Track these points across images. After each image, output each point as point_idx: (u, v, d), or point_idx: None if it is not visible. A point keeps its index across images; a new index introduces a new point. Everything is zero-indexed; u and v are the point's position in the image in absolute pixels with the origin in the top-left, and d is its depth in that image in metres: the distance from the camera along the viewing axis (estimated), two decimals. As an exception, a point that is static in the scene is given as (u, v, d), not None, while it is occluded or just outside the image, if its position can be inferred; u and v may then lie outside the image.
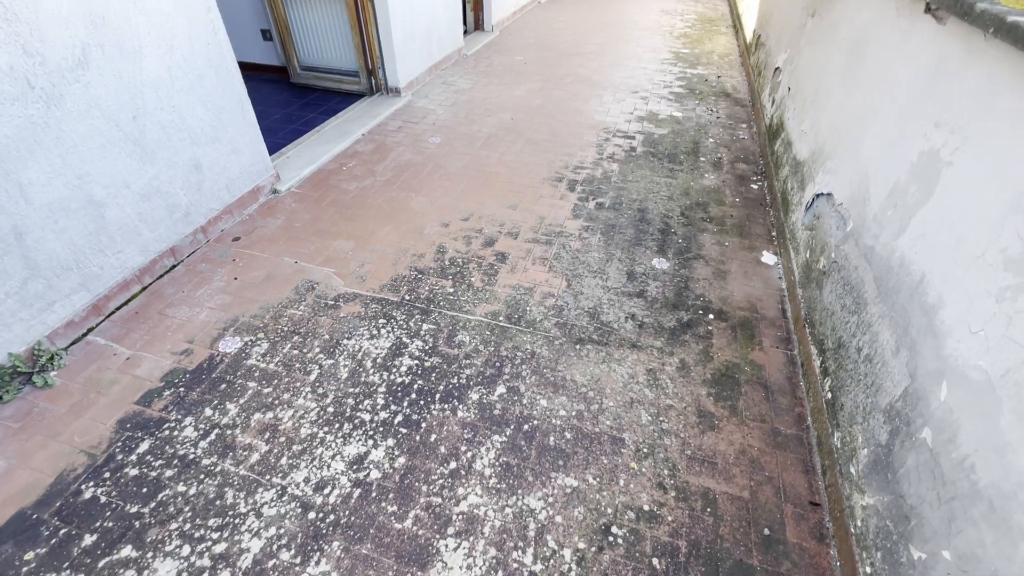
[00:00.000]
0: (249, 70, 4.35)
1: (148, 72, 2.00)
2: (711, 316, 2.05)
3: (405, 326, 1.98)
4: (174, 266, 2.26)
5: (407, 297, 2.11)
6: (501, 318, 2.02)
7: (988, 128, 1.14)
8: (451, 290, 2.15)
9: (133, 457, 1.54)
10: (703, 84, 4.31)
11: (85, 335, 1.93)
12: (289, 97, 4.01)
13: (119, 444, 1.57)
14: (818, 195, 2.08)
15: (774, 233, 2.51)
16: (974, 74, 1.24)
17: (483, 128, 3.48)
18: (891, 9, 1.78)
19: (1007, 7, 1.17)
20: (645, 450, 1.58)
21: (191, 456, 1.54)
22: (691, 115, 3.73)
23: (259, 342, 1.91)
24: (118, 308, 2.04)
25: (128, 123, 1.96)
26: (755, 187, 2.89)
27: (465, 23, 5.45)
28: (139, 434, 1.60)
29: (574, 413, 1.68)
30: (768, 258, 2.36)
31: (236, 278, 2.20)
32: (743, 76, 4.50)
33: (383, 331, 1.96)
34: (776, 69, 3.38)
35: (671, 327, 2.00)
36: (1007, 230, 1.01)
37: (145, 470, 1.50)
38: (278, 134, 3.42)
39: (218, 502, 1.43)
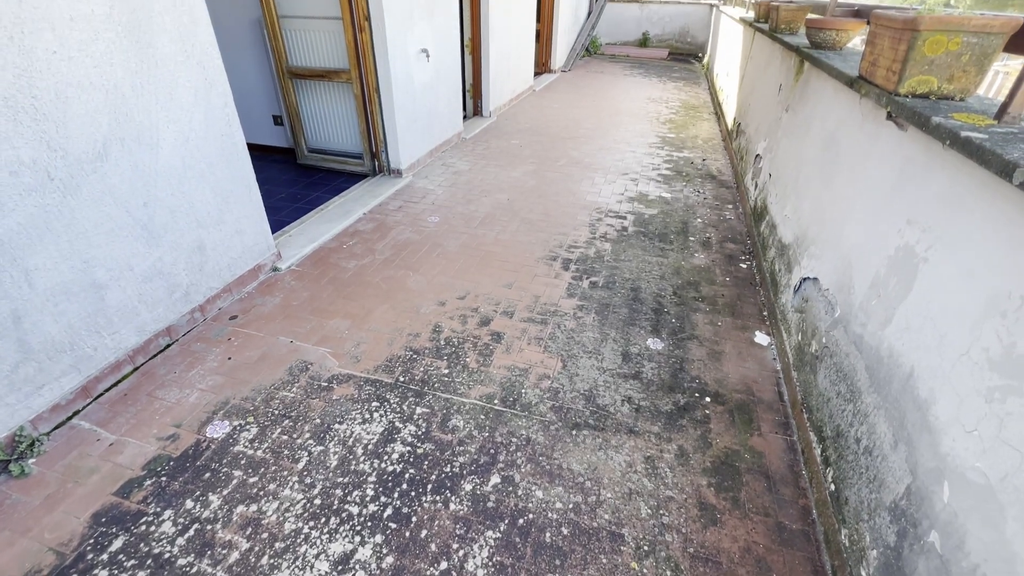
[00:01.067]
0: (259, 151, 4.59)
1: (163, 162, 2.11)
2: (708, 399, 2.03)
3: (398, 409, 1.95)
4: (168, 345, 2.26)
5: (401, 379, 2.09)
6: (496, 401, 2.00)
7: (958, 230, 1.21)
8: (446, 371, 2.14)
9: (104, 556, 1.45)
10: (689, 167, 4.55)
11: (70, 418, 1.89)
12: (295, 176, 4.20)
13: (91, 541, 1.49)
14: (805, 279, 2.14)
15: (765, 313, 2.55)
16: (938, 178, 1.33)
17: (480, 208, 3.63)
18: (856, 114, 1.93)
19: (960, 121, 1.28)
20: (646, 547, 1.50)
21: (166, 555, 1.46)
22: (679, 196, 3.91)
23: (248, 426, 1.87)
24: (107, 390, 2.01)
25: (139, 209, 2.04)
26: (744, 266, 2.97)
27: (465, 109, 5.83)
28: (114, 529, 1.52)
29: (571, 506, 1.62)
30: (761, 338, 2.38)
31: (230, 358, 2.19)
32: (727, 159, 4.77)
33: (376, 415, 1.92)
34: (757, 156, 3.60)
35: (668, 411, 1.97)
36: (986, 330, 1.04)
37: (115, 572, 1.41)
38: (282, 212, 3.55)
39: (191, 610, 1.33)
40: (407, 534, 1.52)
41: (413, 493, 1.64)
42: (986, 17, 1.39)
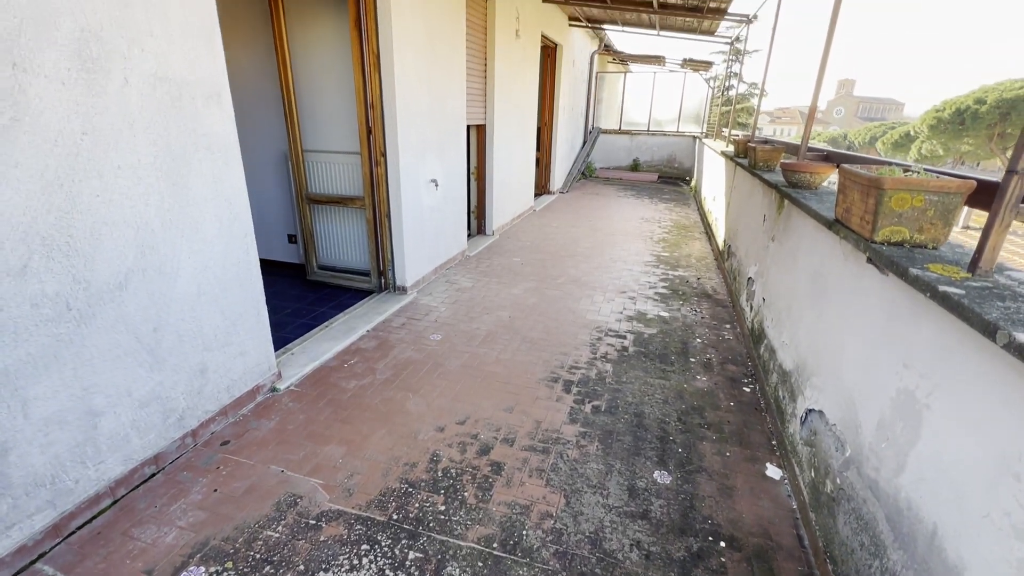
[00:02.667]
0: (271, 266, 4.79)
1: (180, 289, 2.19)
2: (722, 544, 1.89)
3: (390, 554, 1.81)
4: (154, 474, 2.16)
5: (395, 516, 1.97)
6: (495, 544, 1.86)
7: (955, 380, 1.23)
8: (442, 508, 2.02)
9: None
10: (685, 285, 4.71)
11: (34, 562, 1.74)
12: (303, 292, 4.33)
13: None
14: (810, 410, 2.11)
15: (774, 443, 2.47)
16: (926, 325, 1.37)
17: (482, 326, 3.69)
18: (838, 253, 2.06)
19: (935, 273, 1.35)
20: None
21: None
22: (677, 315, 4.00)
23: (226, 573, 1.72)
24: (81, 527, 1.89)
25: (148, 335, 2.08)
26: (747, 390, 2.94)
27: (469, 228, 6.19)
28: None
29: None
30: (773, 472, 2.28)
31: (216, 490, 2.09)
32: (720, 279, 4.95)
33: (364, 560, 1.78)
34: (749, 278, 3.74)
35: (681, 558, 1.83)
36: (1003, 493, 1.01)
37: None
38: (287, 328, 3.60)
39: None
40: None
41: (400, 662, 1.46)
42: (943, 180, 1.54)
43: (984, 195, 1.59)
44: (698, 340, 3.57)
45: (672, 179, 12.39)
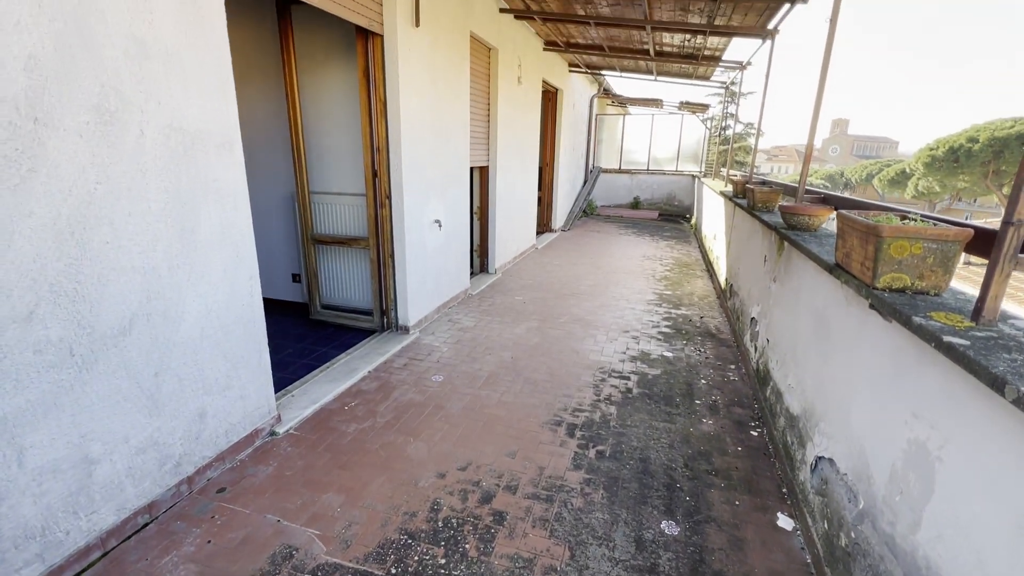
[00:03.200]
0: (274, 305, 4.81)
1: (183, 334, 2.20)
2: (735, 602, 1.81)
3: (387, 612, 1.73)
4: (147, 524, 2.10)
5: (393, 570, 1.90)
6: (497, 602, 1.78)
7: (966, 434, 1.20)
8: (442, 561, 1.95)
9: None
10: (688, 324, 4.69)
11: (17, 621, 1.67)
12: (305, 331, 4.33)
13: None
14: (820, 458, 2.06)
15: (784, 490, 2.40)
16: (933, 375, 1.36)
17: (484, 367, 3.66)
18: (840, 297, 2.06)
19: (939, 322, 1.35)
20: None
21: None
22: (681, 355, 3.97)
23: (215, 633, 1.65)
24: (68, 582, 1.82)
25: (148, 380, 2.07)
26: (755, 434, 2.88)
27: (472, 266, 6.23)
28: None
29: None
30: (785, 522, 2.20)
31: (210, 541, 2.02)
32: (723, 317, 4.93)
33: (361, 619, 1.70)
34: (752, 319, 3.73)
35: (691, 617, 1.74)
36: (1021, 560, 0.97)
37: None
38: (288, 368, 3.58)
39: None
40: None
41: None
42: (940, 228, 1.56)
43: (982, 242, 1.60)
44: (703, 381, 3.53)
45: (672, 216, 12.55)
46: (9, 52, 1.52)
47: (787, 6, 4.45)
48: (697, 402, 3.24)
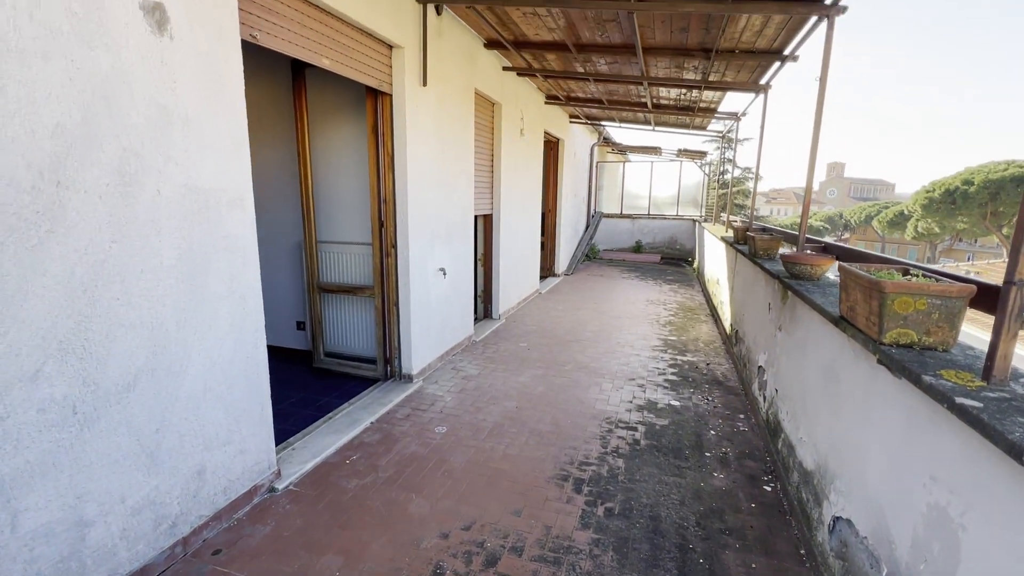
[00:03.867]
0: (278, 352, 4.79)
1: (186, 388, 2.19)
2: None
3: None
4: (137, 590, 2.02)
5: (393, 643, 1.80)
6: None
7: (989, 502, 1.16)
8: (445, 632, 1.85)
9: None
10: (695, 371, 4.64)
11: None
12: (308, 380, 4.30)
13: None
14: (837, 518, 1.99)
15: (802, 552, 2.30)
16: (947, 437, 1.33)
17: (488, 417, 3.60)
18: (848, 350, 2.04)
19: (950, 382, 1.33)
20: None
21: None
22: (688, 404, 3.90)
23: None
24: (52, 655, 1.73)
25: (149, 436, 2.04)
26: (768, 489, 2.79)
27: (476, 312, 6.24)
28: None
29: None
30: (804, 588, 2.10)
31: (202, 609, 1.94)
32: (730, 364, 4.88)
33: None
34: (759, 367, 3.69)
35: None
36: (1064, 641, 0.92)
37: None
38: (290, 419, 3.53)
39: None
40: None
41: None
42: (943, 284, 1.57)
43: (986, 298, 1.61)
44: (712, 432, 3.45)
45: (674, 260, 12.65)
46: (39, 121, 1.60)
47: (777, 64, 4.66)
48: (707, 454, 3.15)
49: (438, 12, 4.13)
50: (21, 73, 1.55)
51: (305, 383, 4.22)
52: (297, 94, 4.00)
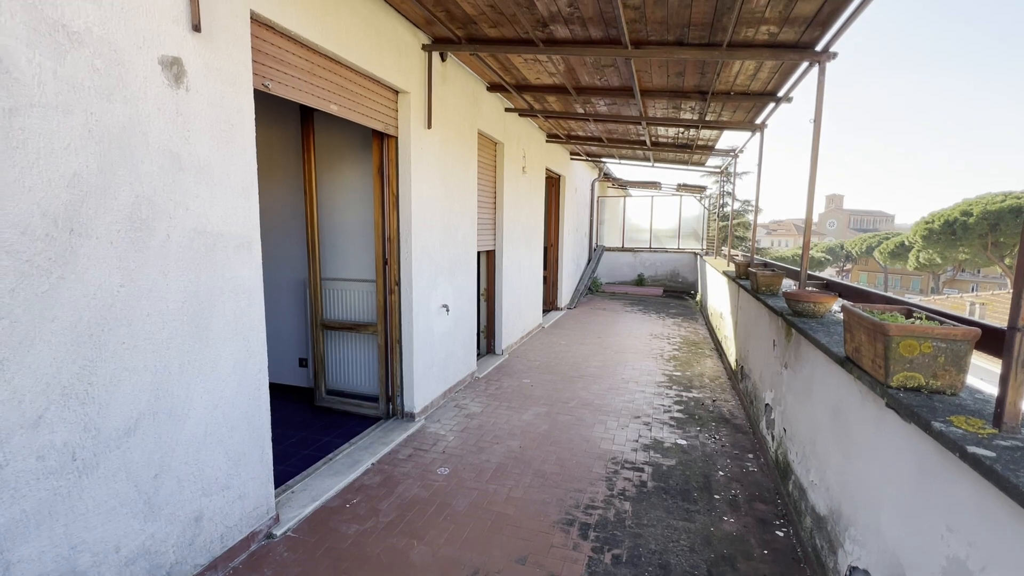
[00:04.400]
0: (278, 390, 4.76)
1: (187, 432, 2.17)
2: None
3: None
4: (127, 646, 1.94)
5: None
6: None
7: (1011, 558, 1.12)
8: None
9: None
10: (701, 409, 4.57)
11: None
12: (309, 418, 4.25)
13: None
14: (854, 568, 1.92)
15: (819, 603, 2.21)
16: (962, 487, 1.30)
17: (492, 457, 3.53)
18: (855, 391, 2.02)
19: (960, 429, 1.31)
20: None
21: None
22: (695, 443, 3.82)
23: None
24: None
25: (147, 482, 2.01)
26: (780, 535, 2.70)
27: (479, 347, 6.21)
28: None
29: None
30: (822, 643, 2.00)
31: (193, 668, 1.86)
32: (736, 400, 4.81)
33: None
34: (766, 405, 3.64)
35: None
36: None
37: None
38: (290, 460, 3.47)
39: None
40: None
41: None
42: (947, 327, 1.56)
43: (991, 340, 1.60)
44: (720, 473, 3.37)
45: (677, 293, 12.65)
46: (57, 171, 1.66)
47: (772, 105, 4.79)
48: (716, 497, 3.07)
49: (443, 59, 4.30)
50: (42, 127, 1.61)
51: (306, 422, 4.17)
52: (305, 136, 4.12)
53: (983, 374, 8.54)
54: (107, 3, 1.78)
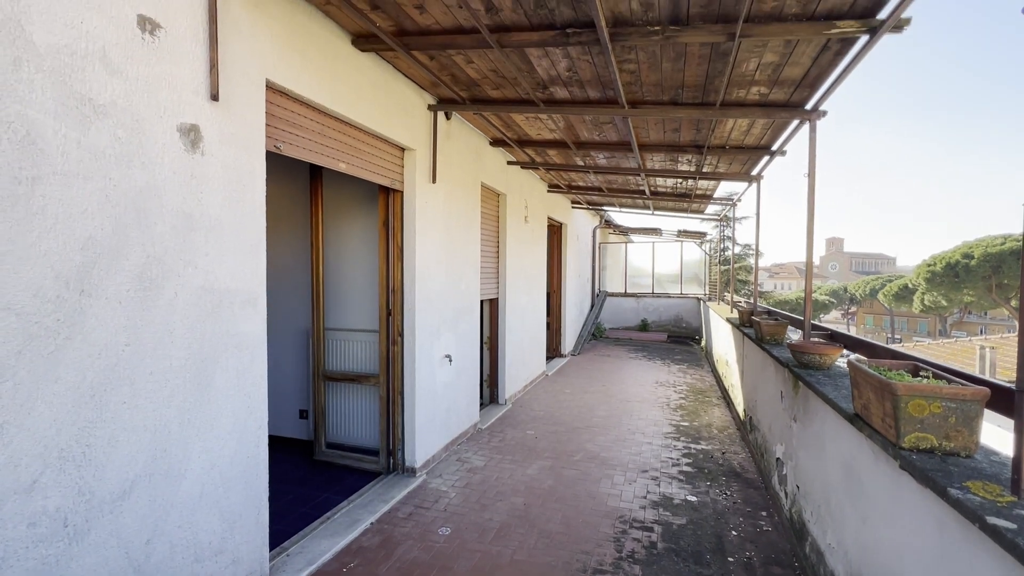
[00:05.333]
0: (277, 443, 4.66)
1: (182, 493, 2.12)
2: None
3: None
4: None
5: None
6: None
7: (1039, 638, 1.06)
8: None
9: None
10: (710, 461, 4.44)
11: None
12: (307, 473, 4.14)
13: None
14: (879, 644, 1.80)
15: None
16: (986, 557, 1.24)
17: (495, 516, 3.41)
18: (867, 449, 1.97)
19: (978, 496, 1.27)
20: None
21: None
22: (706, 499, 3.69)
23: None
24: None
25: (139, 548, 1.95)
26: (800, 602, 2.56)
27: (482, 397, 6.12)
28: None
29: None
30: None
31: None
32: (747, 453, 4.67)
33: None
34: (778, 459, 3.53)
35: None
36: None
37: None
38: (287, 519, 3.36)
39: None
40: None
41: None
42: (955, 387, 1.55)
43: (1002, 398, 1.58)
44: (733, 532, 3.23)
45: (681, 338, 12.56)
46: (72, 235, 1.71)
47: (767, 157, 4.94)
48: (730, 559, 2.93)
49: (447, 117, 4.49)
50: (63, 193, 1.67)
51: (304, 477, 4.06)
52: (313, 192, 4.24)
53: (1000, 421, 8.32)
54: (133, 77, 1.89)
